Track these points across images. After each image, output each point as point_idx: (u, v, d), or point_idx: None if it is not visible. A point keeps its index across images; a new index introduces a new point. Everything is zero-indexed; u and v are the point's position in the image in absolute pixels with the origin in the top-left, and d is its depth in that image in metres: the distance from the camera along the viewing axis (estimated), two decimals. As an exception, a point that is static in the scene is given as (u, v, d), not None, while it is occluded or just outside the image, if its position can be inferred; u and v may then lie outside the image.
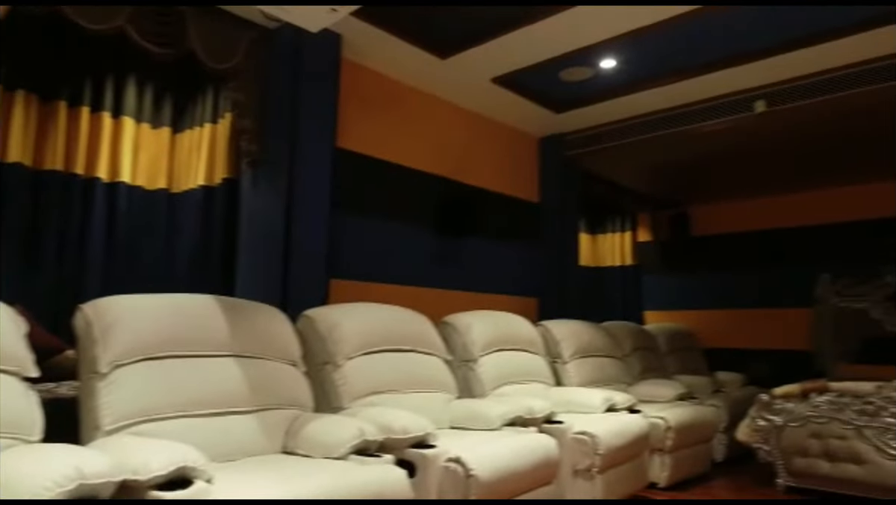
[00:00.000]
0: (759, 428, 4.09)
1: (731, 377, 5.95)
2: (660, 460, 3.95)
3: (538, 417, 3.25)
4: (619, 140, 5.01)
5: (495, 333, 3.92)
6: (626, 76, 4.23)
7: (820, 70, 4.03)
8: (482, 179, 4.85)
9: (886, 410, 3.65)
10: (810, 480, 3.91)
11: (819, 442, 3.85)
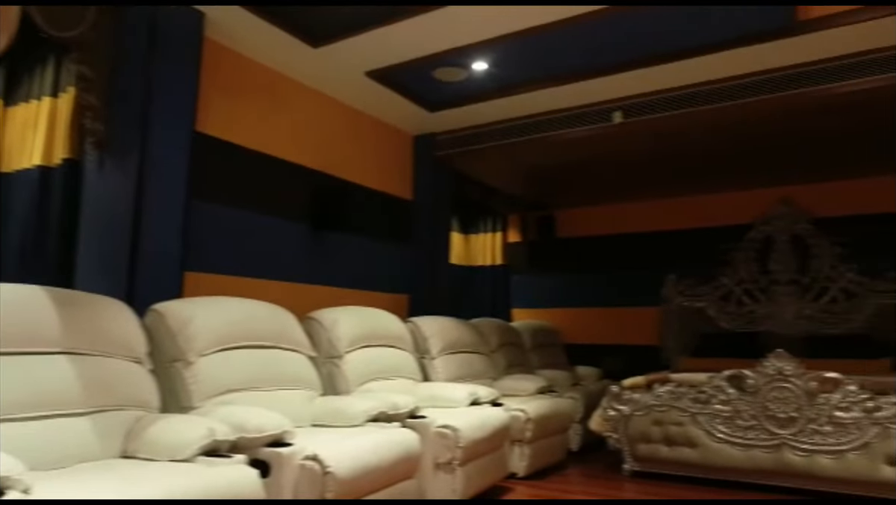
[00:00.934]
0: (610, 418, 4.37)
1: (589, 371, 6.35)
2: (519, 451, 4.11)
3: (402, 413, 3.26)
4: (489, 142, 5.15)
5: (362, 329, 3.88)
6: (497, 80, 4.35)
7: (672, 87, 4.38)
8: (356, 174, 4.79)
9: (716, 397, 4.05)
10: (652, 464, 4.24)
11: (660, 429, 4.20)
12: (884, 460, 3.58)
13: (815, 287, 5.87)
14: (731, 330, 6.11)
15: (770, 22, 3.53)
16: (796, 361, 3.88)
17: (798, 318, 5.87)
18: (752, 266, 6.17)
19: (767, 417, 3.87)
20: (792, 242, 6.03)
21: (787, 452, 3.81)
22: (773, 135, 4.89)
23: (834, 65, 3.92)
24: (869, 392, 3.69)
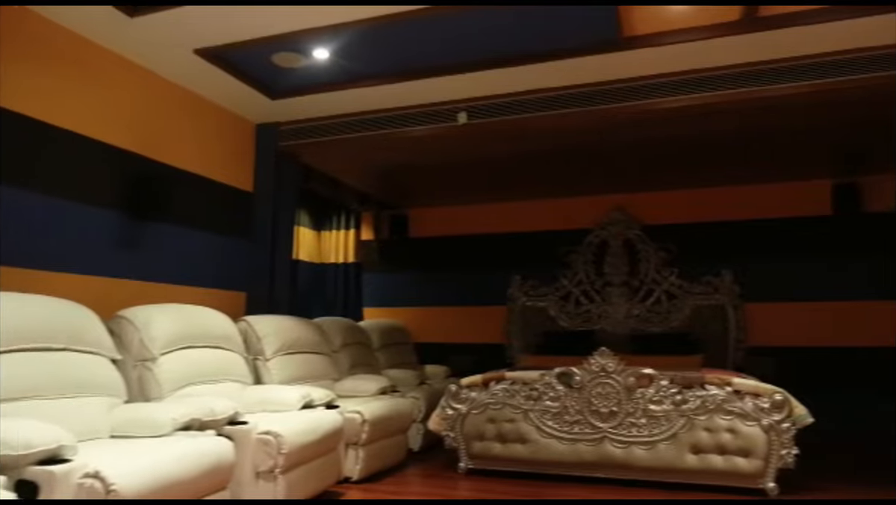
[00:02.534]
0: (447, 417, 4.38)
1: (437, 370, 6.38)
2: (354, 454, 3.99)
3: (220, 419, 3.01)
4: (335, 136, 4.99)
5: (182, 329, 3.56)
6: (341, 71, 4.21)
7: (513, 91, 4.48)
8: (186, 160, 4.42)
9: (546, 394, 4.19)
10: (486, 462, 4.31)
11: (494, 426, 4.27)
12: (689, 449, 3.89)
13: (643, 289, 6.33)
14: (569, 329, 6.42)
15: (596, 36, 3.70)
16: (617, 358, 4.10)
17: (627, 317, 6.29)
18: (590, 268, 6.53)
19: (592, 412, 4.07)
20: (624, 247, 6.46)
21: (607, 444, 4.02)
22: (607, 144, 5.18)
23: (657, 81, 4.20)
24: (678, 386, 3.98)
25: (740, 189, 6.25)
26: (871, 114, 4.47)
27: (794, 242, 6.04)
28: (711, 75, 4.08)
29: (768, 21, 3.54)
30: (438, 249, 7.18)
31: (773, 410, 3.80)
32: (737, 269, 6.11)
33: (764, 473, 3.78)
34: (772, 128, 4.74)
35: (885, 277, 5.73)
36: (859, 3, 3.37)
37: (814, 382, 5.70)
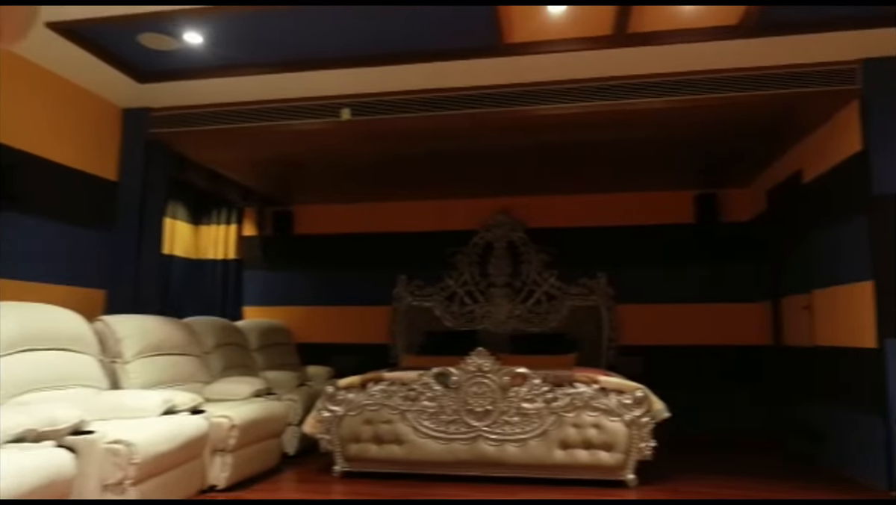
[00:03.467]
0: (323, 419, 4.28)
1: (320, 371, 6.24)
2: (221, 461, 3.79)
3: (62, 429, 2.74)
4: (213, 125, 4.74)
5: (23, 330, 3.22)
6: (216, 57, 3.99)
7: (397, 90, 4.45)
8: (37, 145, 4.02)
9: (424, 394, 4.20)
10: (362, 464, 4.25)
11: (371, 428, 4.22)
12: (557, 445, 4.03)
13: (525, 290, 6.52)
14: (453, 329, 6.49)
15: (478, 41, 3.76)
16: (493, 358, 4.19)
17: (509, 317, 6.45)
18: (475, 269, 6.64)
19: (467, 411, 4.12)
20: (508, 249, 6.62)
21: (482, 442, 4.08)
22: (492, 148, 5.27)
23: (536, 89, 4.33)
24: (549, 385, 4.12)
25: (615, 197, 6.59)
26: (729, 131, 4.86)
27: (662, 248, 6.46)
28: (586, 86, 4.27)
29: (637, 38, 3.74)
30: (324, 247, 7.02)
31: (635, 406, 4.03)
32: (611, 272, 6.44)
33: (625, 465, 4.00)
34: (641, 140, 5.03)
35: (742, 281, 6.26)
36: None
37: (678, 378, 6.13)
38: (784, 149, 5.22)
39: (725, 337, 6.25)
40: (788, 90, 4.06)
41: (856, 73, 3.99)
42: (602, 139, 5.01)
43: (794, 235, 5.22)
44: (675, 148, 5.25)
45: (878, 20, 3.52)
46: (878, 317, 3.84)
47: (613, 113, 4.32)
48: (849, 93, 4.03)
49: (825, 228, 4.60)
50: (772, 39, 3.70)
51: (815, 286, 4.79)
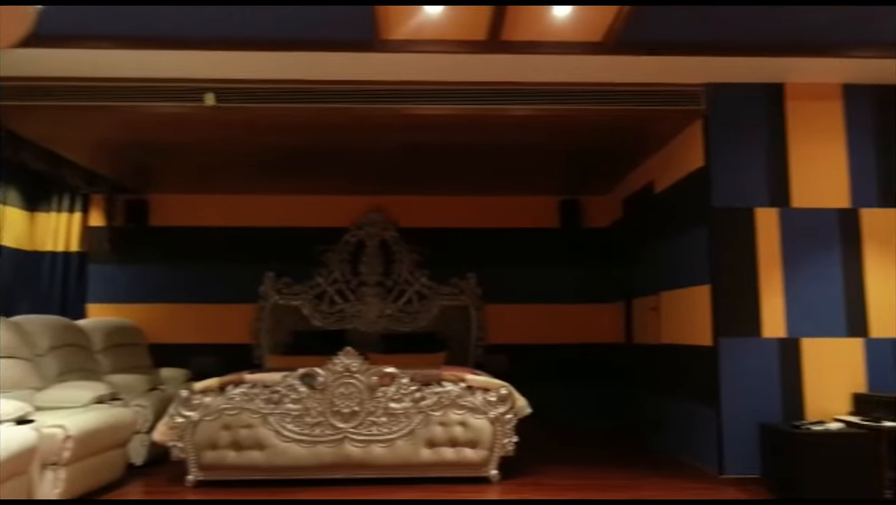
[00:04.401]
0: (176, 425, 3.98)
1: (176, 373, 5.80)
2: (53, 476, 3.39)
3: None
4: (52, 101, 4.24)
5: None
6: (54, 24, 3.55)
7: (267, 78, 4.24)
8: None
9: (288, 397, 4.03)
10: (219, 472, 4.00)
11: (229, 433, 3.98)
12: (424, 444, 4.04)
13: (396, 289, 6.50)
14: (322, 328, 6.32)
15: (353, 34, 3.67)
16: (362, 358, 4.12)
17: (380, 316, 6.40)
18: (346, 267, 6.51)
19: (333, 413, 4.01)
20: (380, 248, 6.57)
21: (347, 444, 4.00)
22: (365, 145, 5.19)
23: (410, 88, 4.31)
24: (417, 384, 4.13)
25: (485, 199, 6.76)
26: (591, 141, 5.15)
27: (528, 250, 6.72)
28: (459, 89, 4.32)
29: (509, 46, 3.84)
30: (183, 240, 6.54)
31: (499, 403, 4.14)
32: (480, 272, 6.59)
33: (489, 461, 4.09)
34: (510, 145, 5.19)
35: (600, 283, 6.67)
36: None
37: (541, 375, 6.40)
38: (639, 161, 5.63)
39: (585, 336, 6.63)
40: (643, 107, 4.36)
41: (700, 95, 4.37)
42: (473, 142, 5.11)
43: (646, 241, 5.64)
44: (542, 155, 5.48)
45: (720, 49, 3.88)
46: (714, 317, 4.23)
47: (484, 117, 4.41)
48: (694, 113, 4.41)
49: (672, 236, 5.02)
50: (630, 58, 3.96)
51: (662, 288, 5.20)
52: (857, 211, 4.27)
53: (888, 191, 4.29)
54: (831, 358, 4.14)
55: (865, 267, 4.22)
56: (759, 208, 4.27)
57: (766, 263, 4.22)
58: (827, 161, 4.31)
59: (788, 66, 4.09)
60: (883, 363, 4.13)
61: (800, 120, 4.34)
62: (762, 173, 4.30)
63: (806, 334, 4.16)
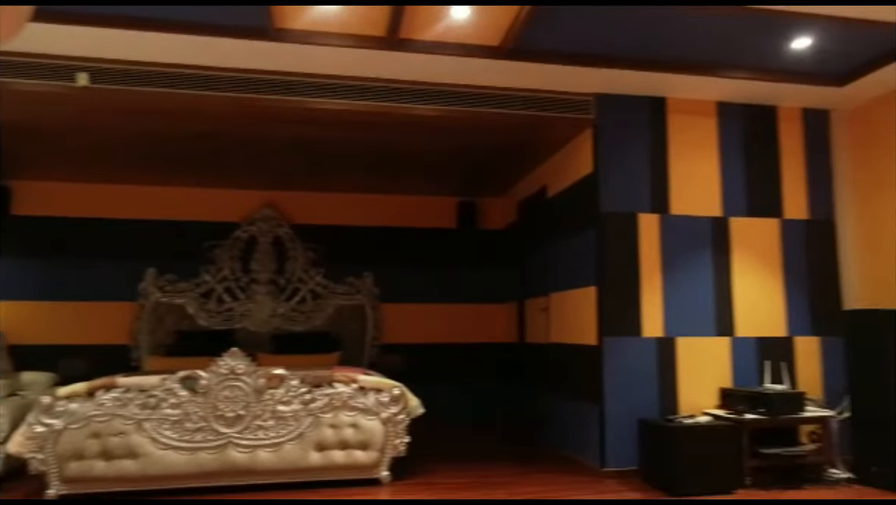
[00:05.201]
0: (36, 435, 3.62)
1: (39, 378, 5.30)
2: None
3: None
4: None
5: None
6: None
7: (149, 61, 3.96)
8: None
9: (167, 401, 3.79)
10: (85, 484, 3.68)
11: (98, 442, 3.68)
12: (313, 447, 3.93)
13: (290, 288, 6.30)
14: (208, 328, 6.01)
15: (247, 20, 3.50)
16: (249, 359, 3.94)
17: (272, 316, 6.18)
18: (236, 264, 6.23)
19: (217, 418, 3.81)
20: (273, 244, 6.34)
21: (231, 450, 3.81)
22: (259, 136, 4.97)
23: (307, 81, 4.18)
24: (308, 386, 4.01)
25: (384, 198, 6.71)
26: (488, 144, 5.22)
27: (426, 250, 6.74)
28: (356, 84, 4.24)
29: (408, 44, 3.81)
30: (52, 232, 5.99)
31: (392, 404, 4.10)
32: (377, 271, 6.53)
33: (380, 463, 4.04)
34: (409, 144, 5.17)
35: (496, 283, 6.80)
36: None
37: (437, 375, 6.44)
38: (534, 165, 5.79)
39: (480, 335, 6.74)
40: (537, 113, 4.48)
41: (590, 104, 4.56)
42: (372, 140, 5.04)
43: (538, 244, 5.81)
44: (440, 156, 5.50)
45: (610, 61, 4.06)
46: (599, 318, 4.42)
47: (382, 115, 4.36)
48: (584, 121, 4.59)
49: (562, 239, 5.20)
50: (526, 65, 4.05)
51: (552, 290, 5.38)
52: (728, 219, 4.61)
53: (753, 202, 4.67)
54: (702, 356, 4.45)
55: (733, 271, 4.57)
56: (642, 214, 4.51)
57: (647, 267, 4.46)
58: (702, 172, 4.63)
59: (670, 81, 4.35)
60: (746, 360, 4.49)
61: (680, 133, 4.63)
62: (645, 181, 4.55)
63: (681, 334, 4.44)
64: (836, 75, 4.31)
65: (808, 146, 4.80)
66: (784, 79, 4.31)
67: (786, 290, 4.62)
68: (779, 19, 3.52)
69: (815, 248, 4.71)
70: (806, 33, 3.70)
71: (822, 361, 4.59)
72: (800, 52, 3.94)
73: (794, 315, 4.60)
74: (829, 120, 4.87)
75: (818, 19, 3.50)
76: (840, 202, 4.80)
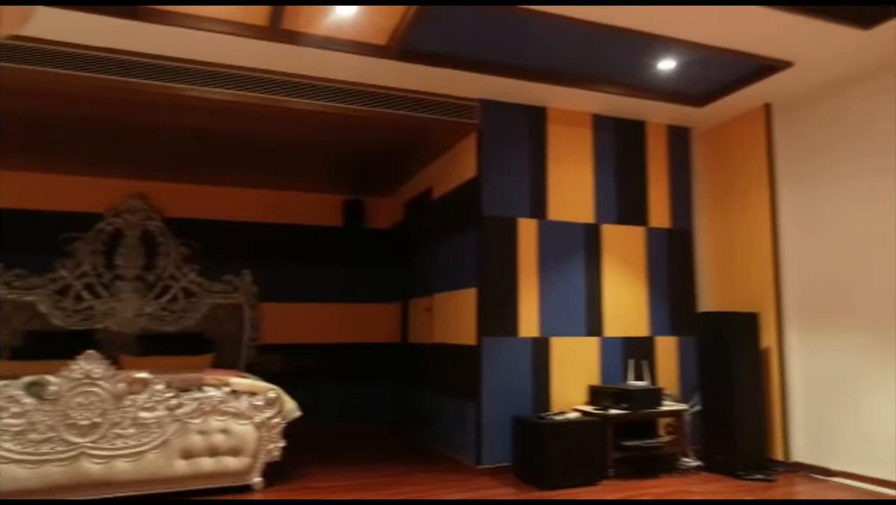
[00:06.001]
0: None
1: None
2: None
3: None
4: None
5: None
6: None
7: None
8: None
9: (7, 410, 3.42)
10: None
11: (-80, 457, 3.26)
12: (179, 455, 3.71)
13: (159, 285, 5.91)
14: (64, 328, 5.51)
15: (111, -6, 3.25)
16: (108, 363, 3.65)
17: (139, 315, 5.77)
18: (98, 259, 5.76)
19: (67, 427, 3.49)
20: (142, 239, 5.92)
21: (84, 461, 3.51)
22: (127, 122, 4.63)
23: (181, 66, 3.94)
24: (175, 390, 3.77)
25: (267, 193, 6.48)
26: (375, 143, 5.19)
27: (311, 248, 6.58)
28: (235, 73, 4.05)
29: (291, 35, 3.70)
30: None
31: (266, 407, 3.96)
32: (257, 269, 6.29)
33: (252, 469, 3.89)
34: (292, 139, 5.03)
35: (381, 283, 6.76)
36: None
37: (320, 375, 6.30)
38: (420, 166, 5.82)
39: (364, 335, 6.67)
40: (424, 115, 4.51)
41: (475, 110, 4.65)
42: (254, 132, 4.85)
43: (423, 244, 5.86)
44: (327, 153, 5.39)
45: (494, 69, 4.16)
46: (479, 318, 4.52)
47: (263, 107, 4.20)
48: (469, 126, 4.67)
49: (446, 240, 5.27)
50: (413, 66, 4.06)
51: (436, 290, 5.44)
52: (599, 226, 4.88)
53: (622, 210, 4.98)
54: (574, 355, 4.67)
55: (603, 275, 4.84)
56: (521, 218, 4.66)
57: (525, 270, 4.62)
58: (577, 181, 4.87)
59: (551, 92, 4.53)
60: (613, 359, 4.78)
61: (558, 142, 4.84)
62: (525, 187, 4.71)
63: (554, 334, 4.64)
64: (697, 96, 4.70)
65: (672, 160, 5.20)
66: (652, 96, 4.63)
67: (649, 293, 4.96)
68: (648, 41, 3.77)
69: (676, 255, 5.10)
70: (671, 56, 3.99)
71: (679, 359, 4.98)
72: (666, 72, 4.24)
73: (656, 316, 4.96)
74: (690, 137, 5.30)
75: (682, 44, 3.79)
76: (698, 213, 5.24)
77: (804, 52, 3.89)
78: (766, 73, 4.21)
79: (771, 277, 4.60)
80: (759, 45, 3.82)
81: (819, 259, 4.38)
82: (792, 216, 4.60)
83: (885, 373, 3.90)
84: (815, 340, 4.38)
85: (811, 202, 4.47)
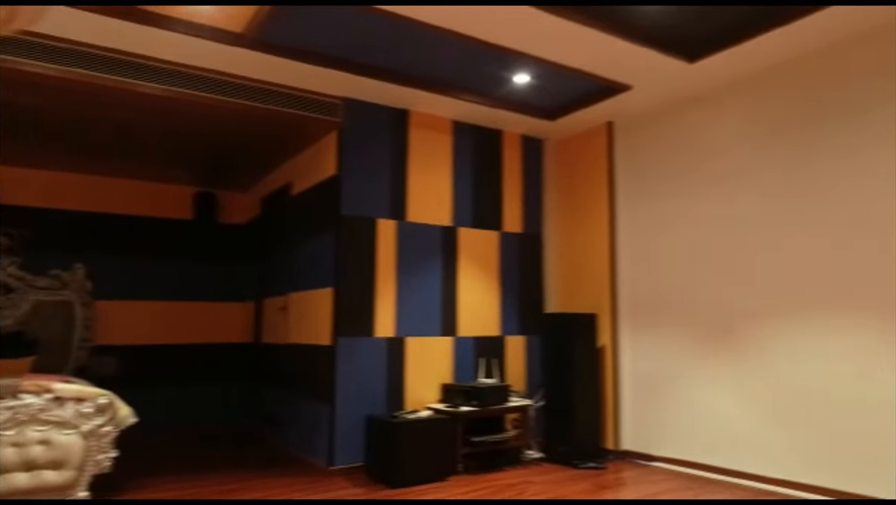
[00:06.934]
0: None
1: None
2: None
3: None
4: None
5: None
6: None
7: None
8: None
9: None
10: None
11: None
12: (-13, 471, 3.30)
13: (-29, 279, 5.22)
14: None
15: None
16: None
17: (-58, 313, 5.05)
18: None
19: None
20: (-51, 225, 5.19)
21: None
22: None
23: (10, 38, 3.51)
24: (-17, 398, 3.35)
25: (106, 180, 5.95)
26: (230, 134, 4.95)
27: (156, 242, 6.13)
28: (74, 50, 3.68)
29: (142, 15, 3.42)
30: None
31: (97, 415, 3.63)
32: (91, 264, 5.75)
33: (76, 482, 3.55)
34: (139, 123, 4.66)
35: (234, 281, 6.45)
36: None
37: (163, 378, 5.89)
38: (279, 161, 5.65)
39: (213, 335, 6.34)
40: (283, 109, 4.38)
41: (338, 108, 4.60)
42: (92, 114, 4.43)
43: (280, 242, 5.68)
44: (175, 140, 5.06)
45: (358, 68, 4.13)
46: (335, 318, 4.48)
47: (105, 88, 3.86)
48: (331, 123, 4.61)
49: (304, 239, 5.15)
50: (272, 58, 3.93)
51: (292, 289, 5.30)
52: (457, 229, 5.03)
53: (478, 215, 5.17)
54: (428, 354, 4.77)
55: (459, 277, 4.99)
56: (380, 219, 4.68)
57: (383, 270, 4.64)
58: (437, 184, 4.98)
59: (413, 96, 4.60)
60: (466, 358, 4.94)
61: (419, 145, 4.92)
62: (386, 188, 4.73)
63: (410, 334, 4.71)
64: (549, 110, 4.99)
65: (526, 169, 5.48)
66: (508, 107, 4.85)
67: (502, 294, 5.20)
68: (503, 54, 3.94)
69: (527, 259, 5.39)
70: (525, 70, 4.21)
71: (527, 358, 5.27)
72: (521, 86, 4.47)
73: (507, 317, 5.20)
74: (543, 148, 5.62)
75: (534, 59, 4.01)
76: (548, 220, 5.57)
77: (641, 77, 4.28)
78: (609, 93, 4.58)
79: (608, 280, 5.01)
80: (601, 68, 4.15)
81: (649, 266, 4.84)
82: (628, 226, 5.04)
83: (702, 371, 4.40)
84: (643, 340, 4.83)
85: (644, 215, 4.92)
